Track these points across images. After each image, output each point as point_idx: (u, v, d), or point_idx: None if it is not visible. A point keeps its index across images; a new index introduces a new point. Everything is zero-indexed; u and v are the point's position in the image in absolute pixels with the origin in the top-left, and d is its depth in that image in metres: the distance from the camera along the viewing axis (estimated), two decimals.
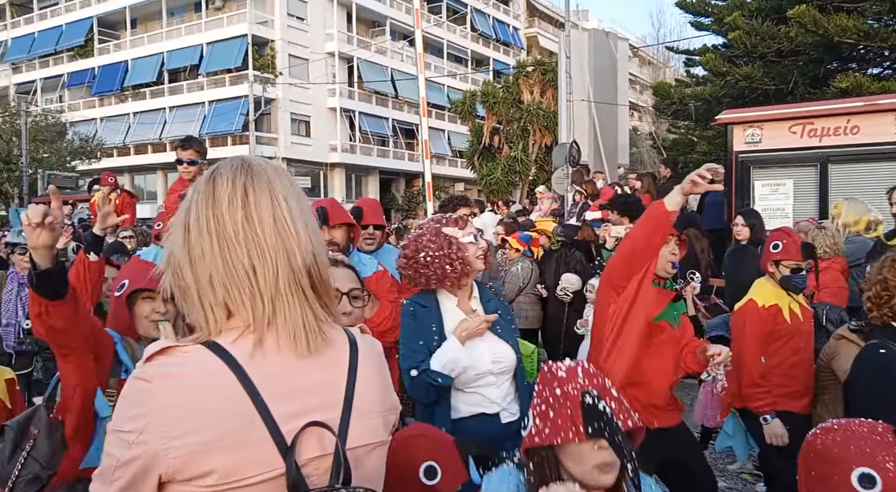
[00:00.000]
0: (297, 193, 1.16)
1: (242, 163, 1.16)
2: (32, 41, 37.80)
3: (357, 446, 1.10)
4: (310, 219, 1.15)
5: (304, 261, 1.11)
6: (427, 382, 2.45)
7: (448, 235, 2.58)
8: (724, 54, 12.38)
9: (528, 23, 47.21)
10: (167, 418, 0.99)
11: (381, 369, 1.19)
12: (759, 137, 6.63)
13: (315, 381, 1.09)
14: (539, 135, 22.71)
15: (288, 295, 1.09)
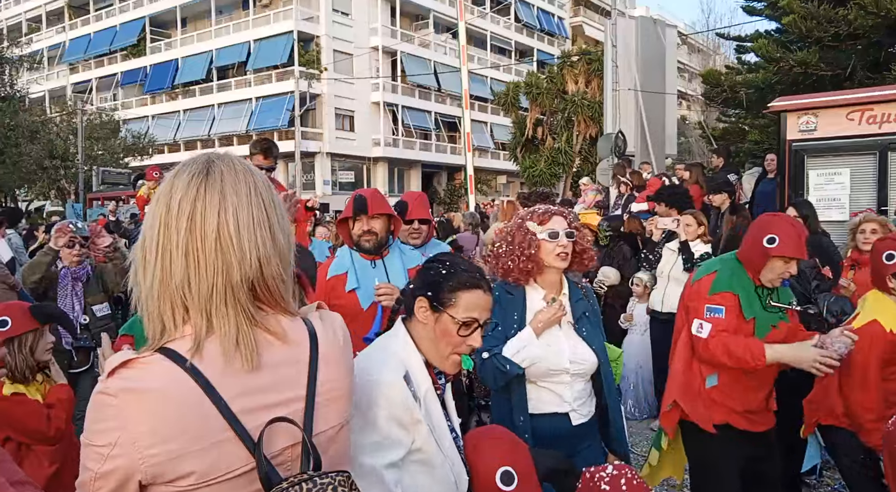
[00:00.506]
0: (259, 200, 1.15)
1: (202, 166, 1.16)
2: (88, 42, 39.09)
3: (325, 430, 1.17)
4: (265, 227, 1.15)
5: (245, 275, 1.11)
6: (496, 366, 2.46)
7: (527, 230, 2.54)
8: (777, 40, 11.94)
9: (574, 12, 46.55)
10: (136, 432, 1.02)
11: (344, 349, 1.24)
12: (814, 124, 6.35)
13: (275, 376, 1.12)
14: (584, 126, 22.39)
15: (223, 309, 1.10)
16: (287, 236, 1.20)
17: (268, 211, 1.16)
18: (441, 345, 1.71)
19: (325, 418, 1.17)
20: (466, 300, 1.70)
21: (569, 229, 2.55)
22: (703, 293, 2.76)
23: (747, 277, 2.75)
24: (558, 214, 2.59)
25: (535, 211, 2.61)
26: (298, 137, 30.14)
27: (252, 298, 1.13)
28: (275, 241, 1.16)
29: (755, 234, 2.73)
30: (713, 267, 2.86)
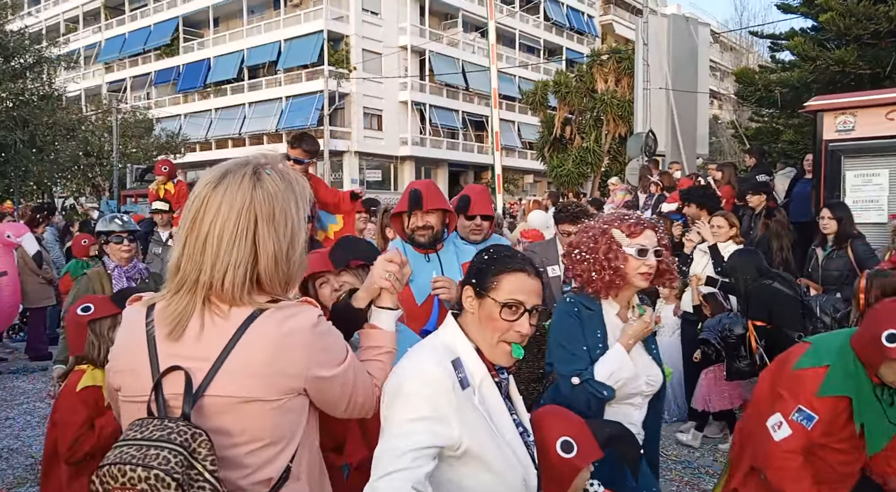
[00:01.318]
0: (250, 215, 1.36)
1: (217, 176, 1.41)
2: (123, 42, 39.85)
3: (220, 395, 1.33)
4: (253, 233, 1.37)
5: (210, 279, 1.35)
6: (590, 392, 2.23)
7: (612, 240, 2.28)
8: (813, 38, 11.68)
9: (604, 10, 46.13)
10: (112, 349, 1.49)
11: (276, 340, 1.35)
12: (851, 124, 6.20)
13: (196, 343, 1.36)
14: (613, 125, 22.19)
15: (183, 294, 1.38)
16: (281, 244, 1.39)
17: (257, 224, 1.36)
18: (487, 331, 1.66)
19: (223, 384, 1.33)
20: (509, 283, 1.66)
21: (658, 247, 2.30)
22: (806, 389, 2.30)
23: (865, 374, 2.27)
24: (650, 227, 2.32)
25: (625, 219, 2.32)
26: (327, 136, 30.37)
27: (208, 295, 1.37)
28: (256, 250, 1.37)
29: (872, 327, 2.25)
30: (825, 358, 2.33)
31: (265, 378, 1.34)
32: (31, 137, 18.36)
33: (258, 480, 1.37)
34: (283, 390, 1.36)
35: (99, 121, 27.96)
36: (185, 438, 1.25)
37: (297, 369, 1.37)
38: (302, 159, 4.07)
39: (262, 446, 1.37)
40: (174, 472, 1.20)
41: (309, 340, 1.38)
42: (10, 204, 15.10)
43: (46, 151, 19.70)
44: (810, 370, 2.32)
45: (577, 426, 1.92)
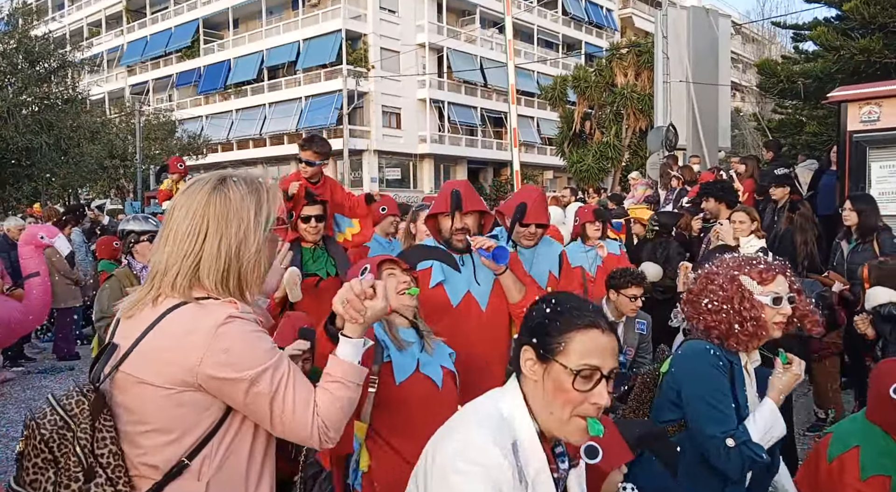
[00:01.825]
0: (200, 221, 1.51)
1: (197, 178, 1.60)
2: (145, 44, 40.36)
3: (129, 373, 1.46)
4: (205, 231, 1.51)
5: (164, 269, 1.51)
6: (748, 455, 2.03)
7: (743, 288, 2.12)
8: (837, 27, 11.47)
9: (623, 3, 45.70)
10: None
11: (176, 333, 1.45)
12: (877, 114, 6.08)
13: (135, 322, 1.51)
14: (633, 119, 21.99)
15: (147, 285, 1.55)
16: (230, 243, 1.51)
17: (209, 224, 1.51)
18: (556, 405, 1.39)
19: (130, 363, 1.47)
20: (580, 344, 1.39)
21: (791, 293, 2.14)
22: (849, 477, 2.24)
23: (894, 444, 2.25)
24: (780, 271, 2.15)
25: (753, 264, 2.16)
26: (346, 135, 30.48)
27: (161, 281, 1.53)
28: (203, 246, 1.51)
29: (878, 389, 2.29)
30: (851, 440, 2.31)
31: (158, 364, 1.44)
32: (56, 141, 18.67)
33: (147, 463, 1.46)
34: (172, 379, 1.43)
35: (122, 123, 28.37)
36: (69, 402, 1.44)
37: (188, 363, 1.42)
38: (313, 161, 4.09)
39: (149, 430, 1.46)
40: (44, 428, 1.41)
41: (207, 337, 1.42)
42: (38, 207, 15.39)
43: (71, 154, 20.00)
44: (844, 456, 2.28)
45: (605, 429, 1.82)
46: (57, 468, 1.41)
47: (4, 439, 5.29)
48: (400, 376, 2.17)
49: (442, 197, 2.90)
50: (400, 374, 2.17)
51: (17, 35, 18.72)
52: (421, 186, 35.78)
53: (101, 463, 1.43)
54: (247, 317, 1.49)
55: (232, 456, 1.49)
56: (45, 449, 1.40)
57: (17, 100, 18.12)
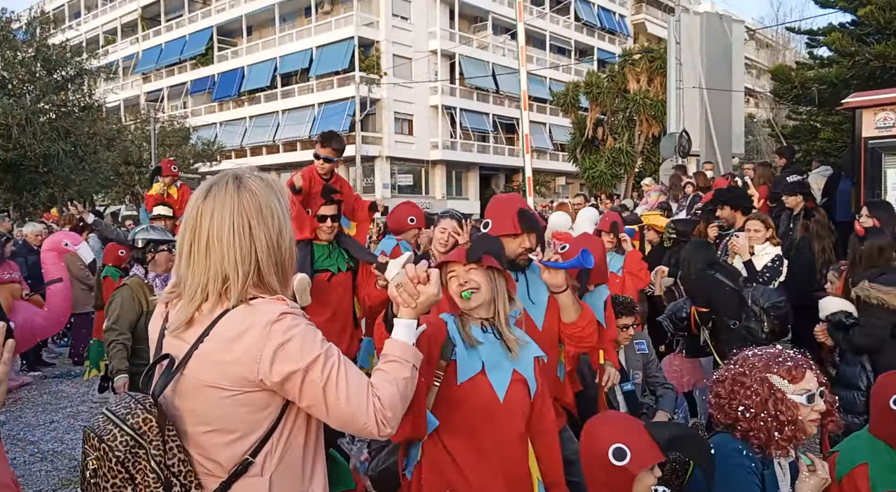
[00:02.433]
0: (254, 206, 1.54)
1: (209, 183, 1.59)
2: (160, 52, 40.80)
3: (191, 376, 1.50)
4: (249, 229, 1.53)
5: (223, 276, 1.52)
6: None
7: (774, 388, 2.05)
8: (852, 32, 11.39)
9: (635, 9, 45.68)
10: None
11: (233, 334, 1.48)
12: (892, 120, 6.03)
13: (189, 329, 1.54)
14: (646, 125, 21.94)
15: (190, 302, 1.55)
16: (272, 235, 1.56)
17: (250, 221, 1.53)
18: None
19: (195, 368, 1.50)
20: None
21: (820, 387, 2.08)
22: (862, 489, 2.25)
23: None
24: (808, 366, 2.09)
25: (781, 362, 2.08)
26: (359, 142, 30.61)
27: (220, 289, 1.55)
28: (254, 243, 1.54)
29: (879, 402, 2.31)
30: (858, 456, 2.31)
31: (219, 366, 1.48)
32: (73, 148, 18.88)
33: (213, 459, 1.52)
34: (234, 380, 1.48)
35: (137, 130, 28.62)
36: (136, 420, 1.45)
37: (248, 362, 1.46)
38: (332, 157, 4.15)
39: (211, 430, 1.51)
40: (117, 450, 1.42)
41: (262, 335, 1.47)
42: (55, 212, 15.55)
43: (88, 161, 20.20)
44: (853, 473, 2.26)
45: (633, 431, 1.88)
46: (134, 485, 1.44)
47: (22, 442, 5.35)
48: (462, 377, 2.11)
49: (505, 217, 2.70)
50: (462, 374, 2.11)
51: (35, 44, 18.97)
52: (433, 193, 35.84)
53: (174, 472, 1.47)
54: (297, 311, 1.54)
55: (290, 450, 1.56)
56: (122, 469, 1.43)
57: (35, 107, 18.34)
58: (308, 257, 3.80)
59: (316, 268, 3.81)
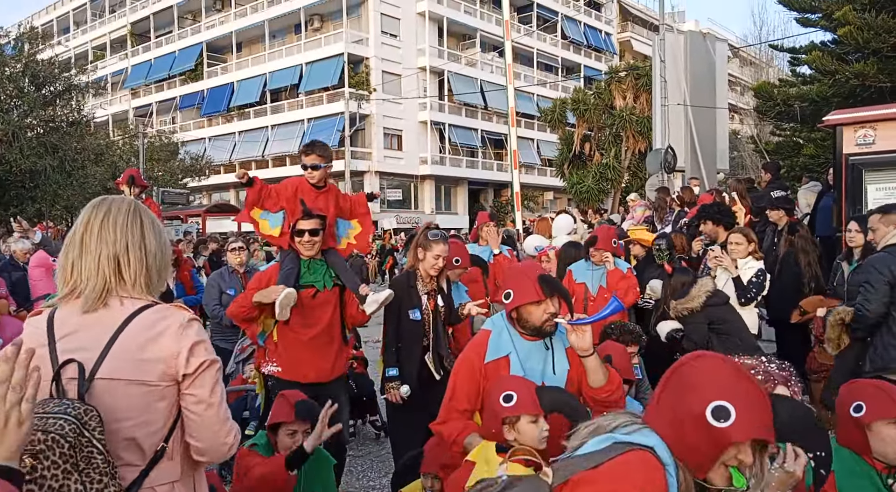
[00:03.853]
0: (147, 219, 1.75)
1: (102, 198, 1.77)
2: (149, 67, 40.81)
3: (109, 378, 1.59)
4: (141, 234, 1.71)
5: (108, 276, 1.66)
6: None
7: None
8: (832, 51, 11.65)
9: (621, 27, 46.29)
10: None
11: (150, 333, 1.63)
12: (872, 137, 6.17)
13: (88, 333, 1.62)
14: (632, 141, 22.19)
15: (78, 300, 1.66)
16: (159, 245, 1.75)
17: (143, 227, 1.72)
18: None
19: (113, 368, 1.59)
20: None
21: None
22: None
23: (866, 465, 2.31)
24: (782, 381, 2.09)
25: (754, 375, 1.94)
26: (348, 157, 30.70)
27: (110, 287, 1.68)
28: (145, 247, 1.72)
29: (841, 412, 2.36)
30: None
31: (142, 364, 1.61)
32: (60, 163, 18.84)
33: (138, 451, 1.63)
34: (159, 375, 1.62)
35: (126, 145, 28.58)
36: (78, 412, 1.51)
37: (169, 356, 1.63)
38: (319, 164, 3.93)
39: (135, 424, 1.62)
40: (68, 436, 1.47)
41: (178, 334, 1.65)
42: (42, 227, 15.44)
43: (75, 176, 20.15)
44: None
45: (522, 385, 2.39)
46: (79, 472, 1.50)
47: None
48: None
49: (526, 285, 2.57)
50: None
51: (23, 59, 18.98)
52: (422, 207, 35.94)
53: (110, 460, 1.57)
54: (198, 320, 1.75)
55: (185, 434, 1.72)
56: (73, 454, 1.48)
57: (23, 123, 18.33)
58: (296, 271, 3.68)
59: (301, 283, 3.66)
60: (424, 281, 4.01)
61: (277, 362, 3.70)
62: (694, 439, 1.48)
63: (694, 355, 1.62)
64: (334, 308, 3.78)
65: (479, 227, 6.43)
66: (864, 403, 2.28)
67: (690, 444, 1.49)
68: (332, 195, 4.05)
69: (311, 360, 3.66)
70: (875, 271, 3.76)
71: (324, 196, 3.98)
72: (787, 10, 13.07)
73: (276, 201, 3.92)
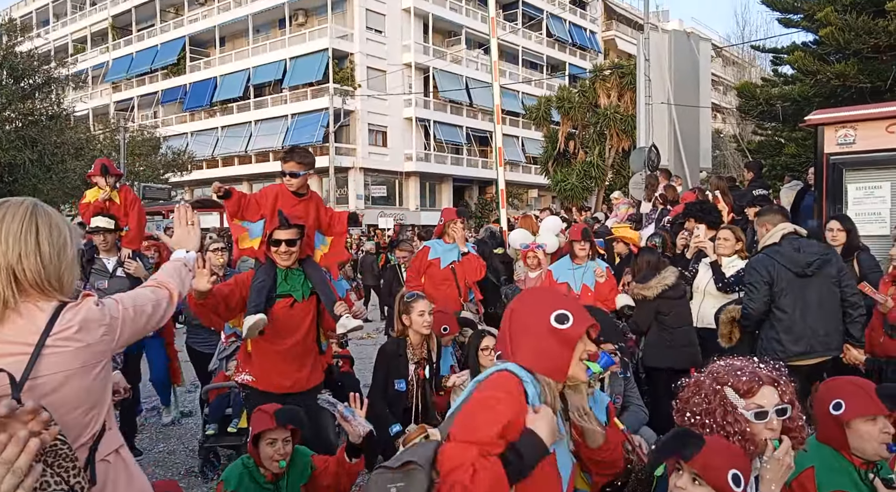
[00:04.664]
0: (44, 219, 1.75)
1: (3, 200, 1.77)
2: (131, 61, 40.32)
3: (50, 373, 1.63)
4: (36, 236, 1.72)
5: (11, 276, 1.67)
6: None
7: (727, 402, 1.99)
8: (814, 52, 11.78)
9: (606, 26, 46.49)
10: None
11: (80, 330, 1.69)
12: (852, 137, 6.24)
13: (9, 338, 1.63)
14: (616, 139, 22.31)
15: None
16: (55, 247, 1.75)
17: (38, 230, 1.73)
18: None
19: (52, 363, 1.63)
20: None
21: (781, 405, 1.99)
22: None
23: (845, 461, 2.33)
24: (768, 382, 2.02)
25: (739, 375, 2.02)
26: (332, 153, 30.57)
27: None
28: (39, 248, 1.72)
29: (822, 409, 2.38)
30: (805, 461, 2.29)
31: (81, 351, 1.69)
32: (39, 157, 18.56)
33: (88, 433, 1.73)
34: (100, 354, 1.74)
35: (107, 140, 28.20)
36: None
37: (105, 333, 1.76)
38: (297, 172, 3.82)
39: (86, 409, 1.72)
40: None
41: (102, 314, 1.77)
42: None
43: (55, 170, 19.86)
44: (801, 475, 2.29)
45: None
46: (49, 466, 1.52)
47: None
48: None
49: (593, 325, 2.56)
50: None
51: (1, 51, 18.66)
52: (406, 204, 35.89)
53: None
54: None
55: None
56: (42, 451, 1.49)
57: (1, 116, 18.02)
58: (270, 282, 3.54)
59: (278, 293, 3.55)
60: (414, 348, 4.01)
61: (251, 372, 3.62)
62: (548, 346, 1.82)
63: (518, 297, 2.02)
64: (312, 318, 3.67)
65: (446, 224, 5.86)
66: (844, 401, 2.32)
67: (547, 352, 1.82)
68: (312, 203, 3.96)
69: (287, 370, 3.58)
70: (755, 272, 4.01)
71: (304, 204, 3.89)
72: (770, 11, 13.19)
73: (257, 210, 3.82)
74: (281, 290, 3.56)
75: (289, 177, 3.83)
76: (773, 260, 4.05)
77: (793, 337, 3.94)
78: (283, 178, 3.85)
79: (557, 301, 1.91)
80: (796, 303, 3.96)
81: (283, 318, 3.54)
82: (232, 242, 4.24)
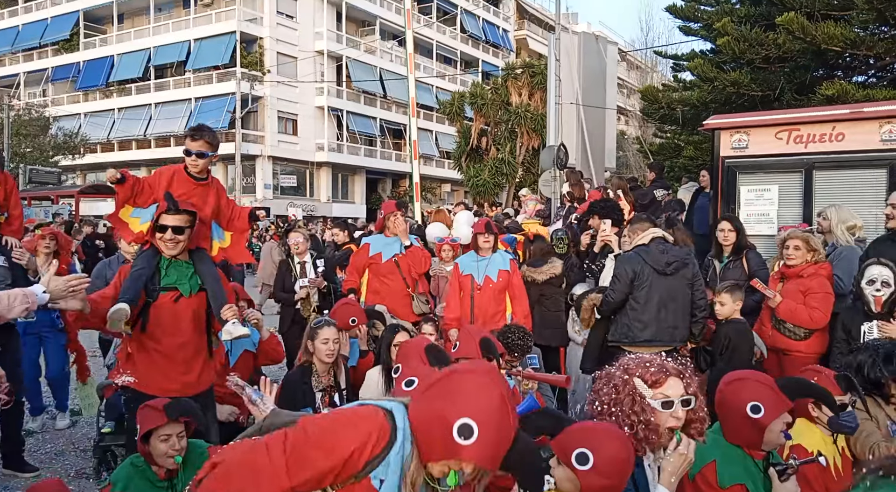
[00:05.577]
0: None
1: None
2: (16, 34, 37.34)
3: None
4: None
5: None
6: None
7: (635, 391, 2.09)
8: (712, 60, 12.41)
9: (518, 25, 47.32)
10: None
11: None
12: (745, 142, 6.62)
13: None
14: (527, 137, 22.71)
15: None
16: None
17: None
18: None
19: None
20: None
21: (686, 396, 2.11)
22: (710, 489, 2.35)
23: (744, 455, 2.43)
24: (675, 374, 2.14)
25: (647, 366, 2.14)
26: (239, 139, 29.53)
27: None
28: None
29: (733, 409, 2.41)
30: (707, 456, 2.37)
31: None
32: None
33: None
34: None
35: None
36: None
37: None
38: (205, 152, 3.51)
39: None
40: None
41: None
42: None
43: None
44: (703, 470, 2.35)
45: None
46: None
47: None
48: None
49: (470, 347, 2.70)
50: None
51: None
52: (318, 195, 35.21)
53: None
54: None
55: None
56: None
57: None
58: (149, 272, 3.24)
59: (162, 285, 3.25)
60: (320, 376, 3.84)
61: (132, 373, 3.28)
62: (434, 437, 1.52)
63: (468, 367, 1.65)
64: (201, 315, 3.38)
65: (386, 217, 5.84)
66: (762, 404, 2.35)
67: (430, 437, 1.53)
68: (212, 191, 3.64)
69: (172, 372, 3.28)
70: (622, 268, 4.45)
71: (202, 190, 3.57)
72: (673, 18, 13.79)
73: (150, 195, 3.46)
74: (165, 282, 3.27)
75: (195, 157, 3.50)
76: (640, 258, 4.41)
77: (641, 325, 4.35)
78: (189, 157, 3.51)
79: (480, 408, 1.53)
80: (651, 296, 4.36)
81: (167, 314, 3.25)
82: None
